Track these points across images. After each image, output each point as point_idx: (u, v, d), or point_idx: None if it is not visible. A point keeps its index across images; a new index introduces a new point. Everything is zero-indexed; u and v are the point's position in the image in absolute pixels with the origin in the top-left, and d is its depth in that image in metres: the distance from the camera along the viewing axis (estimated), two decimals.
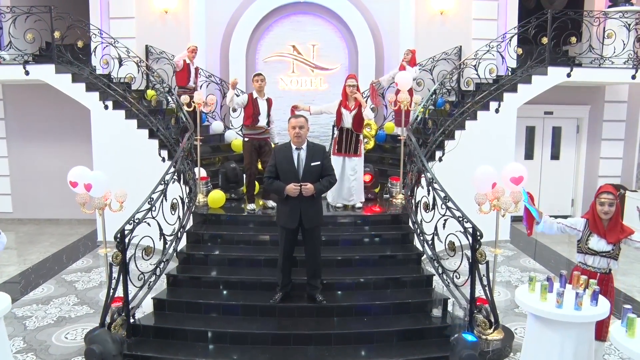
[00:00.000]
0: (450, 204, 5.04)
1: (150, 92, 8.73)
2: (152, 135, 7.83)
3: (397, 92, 8.11)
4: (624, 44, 8.15)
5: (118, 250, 4.60)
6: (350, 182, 6.49)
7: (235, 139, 9.04)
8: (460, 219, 4.87)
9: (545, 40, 8.08)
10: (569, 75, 8.26)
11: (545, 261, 7.85)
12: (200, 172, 7.11)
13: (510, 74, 8.63)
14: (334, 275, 5.44)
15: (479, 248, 4.68)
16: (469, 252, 4.77)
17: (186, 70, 8.45)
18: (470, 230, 4.74)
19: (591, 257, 4.04)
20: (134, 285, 4.86)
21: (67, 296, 6.27)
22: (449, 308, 5.21)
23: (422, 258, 5.83)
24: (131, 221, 4.77)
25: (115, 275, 4.62)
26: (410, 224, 5.98)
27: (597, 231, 3.97)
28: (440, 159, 7.81)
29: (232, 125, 9.29)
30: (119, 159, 8.02)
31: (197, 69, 8.65)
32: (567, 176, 10.40)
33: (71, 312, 5.79)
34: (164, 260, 5.27)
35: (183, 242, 5.87)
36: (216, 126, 9.24)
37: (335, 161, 6.43)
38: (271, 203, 6.48)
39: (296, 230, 4.94)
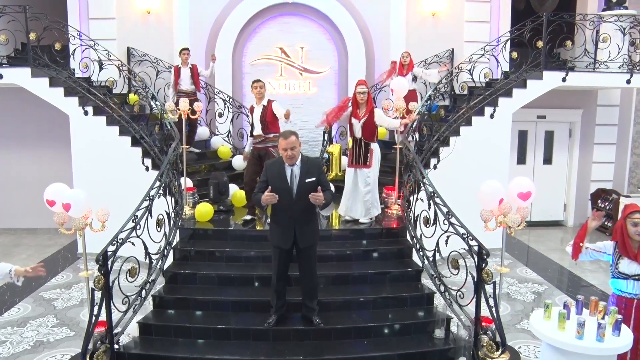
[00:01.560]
0: (453, 220, 4.80)
1: (132, 97, 8.35)
2: (135, 142, 7.47)
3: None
4: (619, 48, 8.01)
5: (100, 273, 4.26)
6: (363, 195, 6.17)
7: (222, 145, 8.72)
8: (465, 236, 4.62)
9: (540, 44, 7.91)
10: (564, 79, 8.11)
11: (542, 271, 7.67)
12: (187, 182, 6.77)
13: (504, 78, 8.44)
14: (331, 294, 5.16)
15: (485, 267, 4.44)
16: (470, 264, 4.53)
17: (177, 76, 8.18)
18: (476, 248, 4.49)
19: (624, 282, 3.83)
20: (118, 310, 4.52)
21: (45, 317, 5.89)
22: (452, 328, 4.97)
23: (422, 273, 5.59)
24: (114, 242, 4.43)
25: (97, 300, 4.28)
26: (409, 238, 5.73)
27: (627, 254, 3.76)
28: (435, 167, 7.59)
29: (218, 131, 8.95)
30: (100, 168, 7.63)
31: (194, 69, 8.30)
32: (560, 181, 10.27)
33: (50, 336, 5.42)
34: (150, 280, 4.94)
35: (169, 259, 5.54)
36: (201, 132, 8.90)
37: (348, 174, 6.20)
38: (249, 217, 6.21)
39: (290, 250, 4.65)
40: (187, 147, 6.90)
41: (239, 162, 8.25)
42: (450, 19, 9.59)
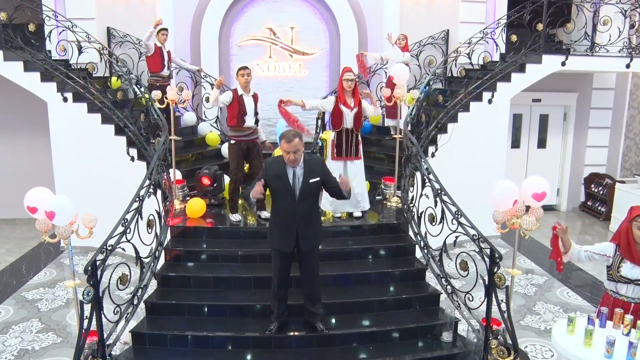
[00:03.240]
0: (463, 220, 4.57)
1: (115, 82, 7.88)
2: (119, 131, 7.06)
3: (388, 84, 7.62)
4: (620, 31, 7.78)
5: (89, 284, 3.95)
6: (354, 188, 5.88)
7: (210, 132, 8.33)
8: (476, 237, 4.41)
9: (540, 26, 7.64)
10: (563, 63, 7.90)
11: (539, 259, 7.56)
12: (176, 174, 6.42)
13: (501, 61, 8.18)
14: (333, 297, 4.92)
15: (497, 271, 4.25)
16: (478, 259, 4.36)
17: (159, 54, 7.65)
18: (488, 251, 4.29)
19: (624, 286, 3.70)
20: (109, 321, 4.23)
21: (29, 321, 5.56)
22: (460, 331, 4.80)
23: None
24: (103, 249, 4.10)
25: (87, 313, 3.97)
26: (412, 234, 5.49)
27: (631, 257, 3.60)
28: (433, 155, 7.36)
29: (205, 117, 8.53)
30: (81, 158, 7.25)
31: (169, 53, 7.84)
32: (554, 165, 10.15)
33: (34, 343, 5.11)
34: (142, 286, 4.64)
35: (160, 261, 5.23)
36: (188, 118, 8.45)
37: (336, 167, 5.80)
38: (265, 214, 5.81)
39: (292, 253, 4.39)
40: (176, 137, 6.50)
41: None
42: None
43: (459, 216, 4.60)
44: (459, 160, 7.54)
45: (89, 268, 3.92)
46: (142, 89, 6.90)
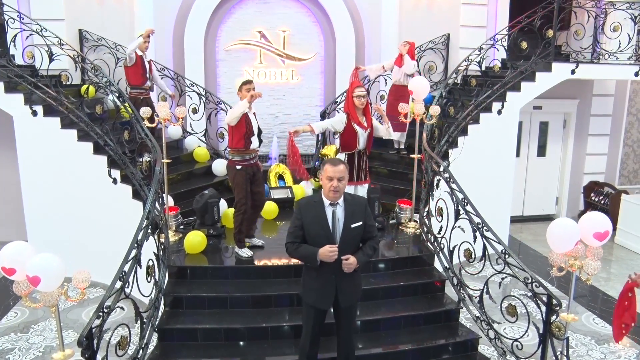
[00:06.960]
0: (511, 260, 4.06)
1: (92, 90, 7.05)
2: (98, 149, 6.26)
3: (393, 95, 7.07)
4: (629, 38, 7.46)
5: (85, 359, 3.24)
6: None
7: (198, 146, 7.57)
8: (528, 281, 3.91)
9: (550, 33, 7.25)
10: (573, 72, 7.54)
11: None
12: (169, 201, 5.68)
13: (512, 70, 7.74)
14: (363, 347, 4.33)
15: (555, 320, 3.76)
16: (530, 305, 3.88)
17: (140, 66, 6.81)
18: (545, 298, 3.79)
19: None
20: None
21: None
22: None
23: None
24: (100, 313, 3.39)
25: None
26: (441, 269, 4.96)
27: None
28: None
29: (192, 129, 7.75)
30: (55, 180, 6.44)
31: (150, 63, 7.03)
32: (553, 174, 9.83)
33: None
34: (143, 346, 3.94)
35: (160, 308, 4.52)
36: (173, 131, 7.61)
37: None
38: (245, 252, 5.16)
39: (328, 310, 3.78)
40: (170, 160, 5.78)
41: (220, 167, 7.17)
42: (446, 2, 8.72)
43: (507, 255, 4.08)
44: (468, 174, 7.03)
45: (85, 339, 3.22)
46: (126, 103, 6.10)
